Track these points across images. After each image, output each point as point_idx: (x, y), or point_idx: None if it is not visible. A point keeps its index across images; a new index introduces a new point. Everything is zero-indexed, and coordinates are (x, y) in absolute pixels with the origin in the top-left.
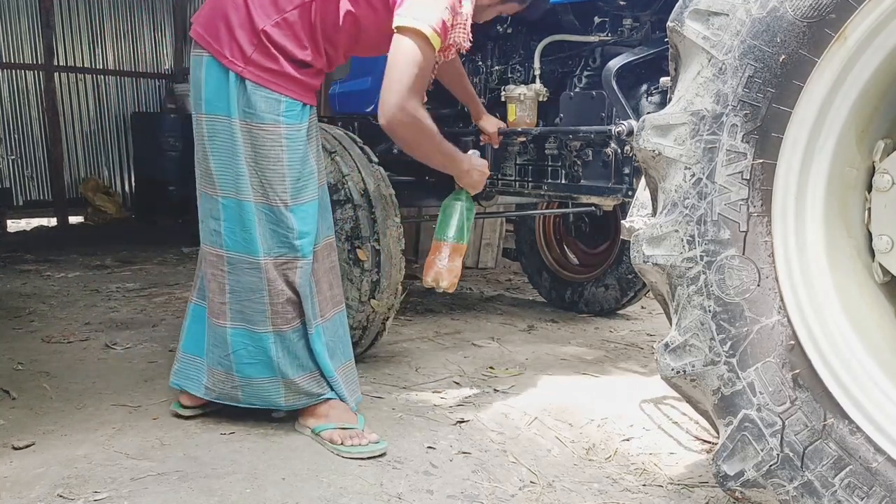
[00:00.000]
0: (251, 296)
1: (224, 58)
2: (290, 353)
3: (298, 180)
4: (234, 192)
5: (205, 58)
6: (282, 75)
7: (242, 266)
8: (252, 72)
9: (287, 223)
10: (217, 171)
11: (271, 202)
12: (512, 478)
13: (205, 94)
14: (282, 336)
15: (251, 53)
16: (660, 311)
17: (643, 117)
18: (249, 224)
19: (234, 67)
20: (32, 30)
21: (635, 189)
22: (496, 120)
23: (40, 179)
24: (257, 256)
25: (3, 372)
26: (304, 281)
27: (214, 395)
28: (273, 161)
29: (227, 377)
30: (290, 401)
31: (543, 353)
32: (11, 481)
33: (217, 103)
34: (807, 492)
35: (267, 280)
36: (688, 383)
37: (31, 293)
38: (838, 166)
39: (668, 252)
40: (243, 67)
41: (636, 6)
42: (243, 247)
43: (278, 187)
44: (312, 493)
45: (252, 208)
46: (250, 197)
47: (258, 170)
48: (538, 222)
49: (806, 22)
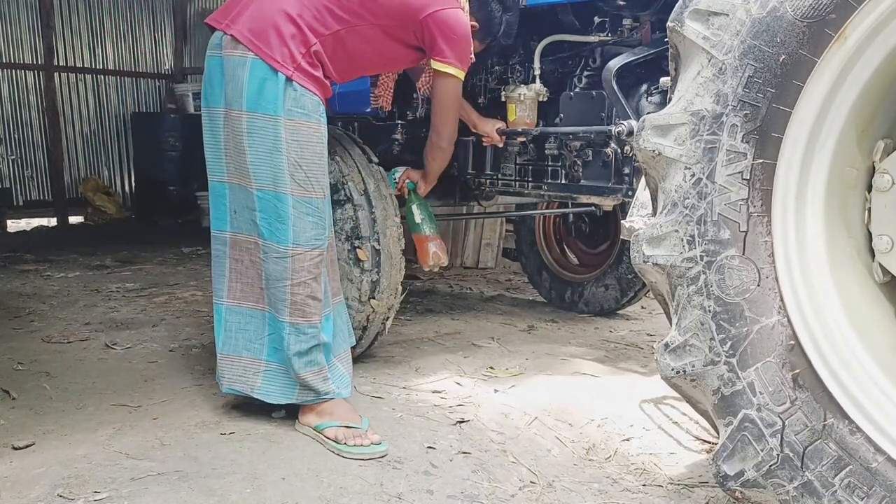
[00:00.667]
0: (276, 284)
1: (275, 61)
2: (301, 348)
3: (327, 175)
4: (271, 185)
5: (249, 59)
6: (321, 82)
7: (272, 255)
8: (300, 76)
9: (325, 214)
10: (253, 164)
11: (314, 194)
12: (512, 478)
13: (247, 92)
14: (297, 329)
15: (301, 60)
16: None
17: (643, 117)
18: (285, 216)
19: (284, 70)
20: (32, 30)
21: (635, 189)
22: (493, 120)
23: (40, 179)
24: (286, 246)
25: (3, 372)
26: (324, 269)
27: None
28: (318, 156)
29: (250, 363)
30: (299, 396)
31: (543, 353)
32: (11, 481)
33: (261, 102)
34: (807, 492)
35: (292, 270)
36: (688, 383)
37: (31, 293)
38: (838, 166)
39: (668, 252)
40: (293, 71)
41: (636, 6)
42: (276, 236)
43: (322, 180)
44: (312, 493)
45: (290, 200)
46: (288, 190)
47: (303, 164)
48: (538, 222)
49: (806, 22)
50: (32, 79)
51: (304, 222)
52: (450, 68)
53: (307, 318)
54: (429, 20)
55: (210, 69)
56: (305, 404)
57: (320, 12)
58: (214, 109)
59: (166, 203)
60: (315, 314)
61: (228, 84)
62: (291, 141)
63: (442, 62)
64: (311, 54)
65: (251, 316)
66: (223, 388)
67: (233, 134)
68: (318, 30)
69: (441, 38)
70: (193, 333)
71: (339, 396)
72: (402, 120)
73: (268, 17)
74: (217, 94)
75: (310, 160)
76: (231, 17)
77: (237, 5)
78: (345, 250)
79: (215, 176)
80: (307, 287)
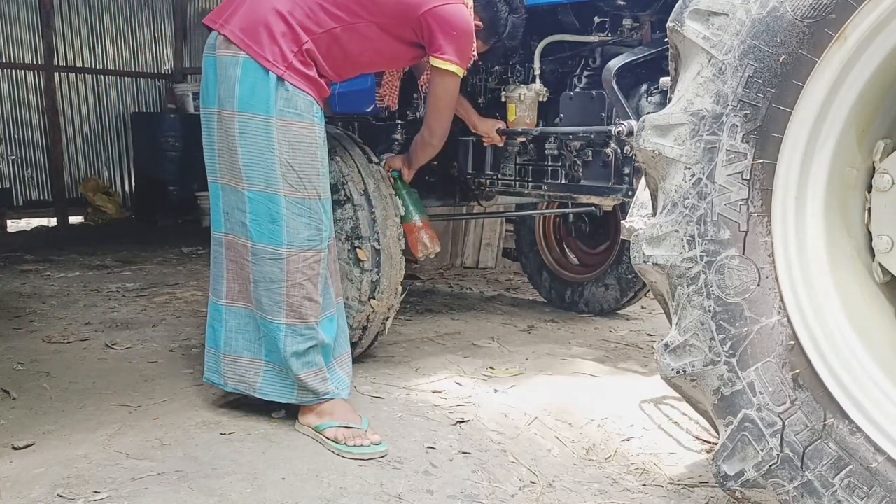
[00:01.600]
0: (270, 286)
1: (266, 60)
2: (298, 349)
3: (325, 176)
4: (263, 186)
5: (241, 59)
6: (315, 81)
7: (266, 257)
8: (292, 75)
9: (320, 215)
10: (246, 165)
11: (306, 195)
12: (512, 478)
13: (239, 92)
14: (293, 330)
15: (292, 59)
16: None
17: (643, 117)
18: (278, 217)
19: (275, 70)
20: (32, 30)
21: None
22: (493, 120)
23: (40, 179)
24: (281, 247)
25: (3, 372)
26: (324, 271)
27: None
28: (312, 157)
29: (251, 363)
30: (299, 396)
31: (543, 353)
32: (11, 481)
33: (252, 102)
34: (807, 492)
35: (287, 272)
36: (688, 383)
37: (31, 293)
38: (838, 166)
39: (668, 252)
40: (284, 70)
41: (636, 6)
42: (268, 238)
43: (315, 181)
44: (312, 493)
45: (282, 202)
46: (281, 191)
47: (295, 165)
48: (538, 222)
49: (806, 22)
50: (32, 79)
51: (298, 223)
52: (449, 65)
53: (303, 320)
54: (428, 16)
55: (205, 69)
56: (305, 405)
57: (313, 10)
58: (209, 110)
59: (166, 203)
60: (311, 315)
61: (221, 84)
62: (283, 141)
63: (441, 59)
64: (303, 53)
65: (250, 317)
66: (227, 388)
67: (226, 135)
68: (310, 28)
69: (440, 34)
70: (193, 333)
71: (338, 397)
72: (402, 120)
73: (259, 15)
74: (212, 95)
75: (302, 160)
76: (225, 17)
77: (231, 5)
78: (345, 250)
79: (211, 177)
80: (302, 288)
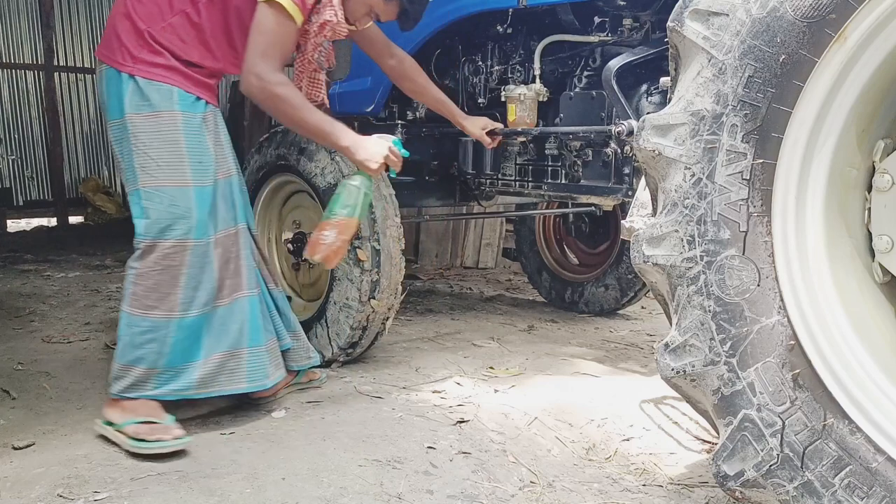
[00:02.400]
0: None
1: (116, 63)
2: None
3: (200, 163)
4: (133, 184)
5: (104, 70)
6: (170, 69)
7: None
8: (141, 68)
9: (188, 203)
10: (124, 170)
11: (167, 182)
12: (512, 478)
13: (107, 103)
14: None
15: (138, 53)
16: (660, 311)
17: (643, 117)
18: (140, 210)
19: (124, 68)
20: (32, 30)
21: (635, 189)
22: (483, 120)
23: (40, 179)
24: (141, 238)
25: (3, 372)
26: (195, 262)
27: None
28: (172, 143)
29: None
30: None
31: (543, 353)
32: (11, 481)
33: (114, 108)
34: (807, 492)
35: (141, 261)
36: (688, 383)
37: (31, 293)
38: (838, 166)
39: (668, 252)
40: (132, 66)
41: (636, 6)
42: (138, 232)
43: (179, 168)
44: (312, 493)
45: (142, 193)
46: (139, 183)
47: (153, 154)
48: (538, 222)
49: (806, 22)
50: (32, 79)
51: (155, 212)
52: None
53: (145, 312)
54: None
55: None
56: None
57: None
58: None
59: None
60: (155, 307)
61: (101, 103)
62: (139, 134)
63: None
64: (148, 43)
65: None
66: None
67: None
68: (153, 16)
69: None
70: None
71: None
72: (402, 120)
73: (111, 25)
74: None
75: (160, 148)
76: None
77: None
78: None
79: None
80: (148, 279)
